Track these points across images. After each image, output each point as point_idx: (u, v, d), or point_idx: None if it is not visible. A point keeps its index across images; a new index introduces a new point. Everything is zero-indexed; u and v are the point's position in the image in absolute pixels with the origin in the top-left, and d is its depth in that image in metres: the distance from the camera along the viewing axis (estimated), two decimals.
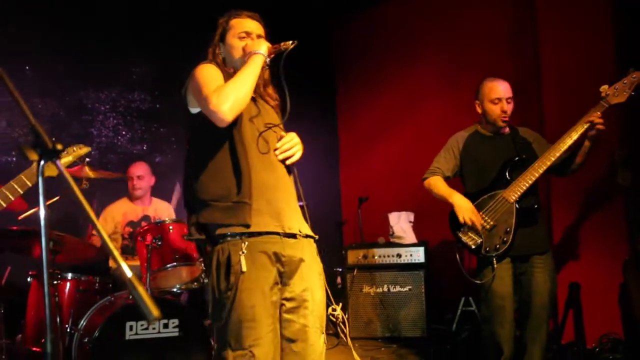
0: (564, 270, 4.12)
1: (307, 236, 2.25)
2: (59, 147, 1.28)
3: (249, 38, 2.32)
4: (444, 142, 3.61)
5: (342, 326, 2.66)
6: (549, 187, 4.18)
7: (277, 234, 2.13)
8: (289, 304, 2.16)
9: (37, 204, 3.36)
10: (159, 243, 3.48)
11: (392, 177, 5.47)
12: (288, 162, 2.27)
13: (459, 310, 4.50)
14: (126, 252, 4.32)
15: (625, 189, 3.52)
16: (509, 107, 3.31)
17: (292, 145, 2.28)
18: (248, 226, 2.07)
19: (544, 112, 4.30)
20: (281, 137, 2.29)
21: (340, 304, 2.72)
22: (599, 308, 3.87)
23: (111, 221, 4.38)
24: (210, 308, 2.16)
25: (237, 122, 2.16)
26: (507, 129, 3.40)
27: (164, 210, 4.56)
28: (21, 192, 2.83)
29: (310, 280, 2.20)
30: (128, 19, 4.94)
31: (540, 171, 3.16)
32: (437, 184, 3.45)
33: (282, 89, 2.27)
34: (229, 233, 2.09)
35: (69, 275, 3.63)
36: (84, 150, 3.35)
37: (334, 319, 2.63)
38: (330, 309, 2.66)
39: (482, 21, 4.99)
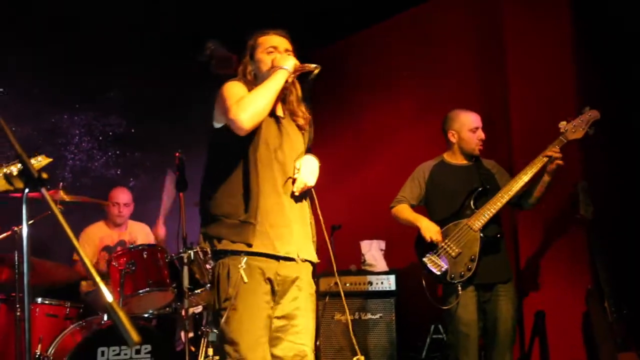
0: (530, 298, 4.22)
1: (306, 260, 2.38)
2: (44, 176, 1.33)
3: (277, 52, 2.42)
4: None
5: None
6: (515, 218, 4.30)
7: (275, 256, 2.26)
8: (278, 322, 2.27)
9: (8, 226, 3.33)
10: (133, 268, 3.48)
11: (364, 206, 5.55)
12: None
13: (428, 338, 4.56)
14: (102, 277, 4.29)
15: (587, 221, 3.65)
16: (483, 135, 3.50)
17: (305, 181, 2.37)
18: (250, 245, 2.21)
19: (512, 144, 4.43)
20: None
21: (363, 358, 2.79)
22: (564, 336, 3.97)
23: (92, 245, 4.35)
24: (212, 319, 2.31)
25: (254, 143, 2.28)
26: (472, 160, 3.56)
27: (140, 232, 4.55)
28: None
29: (302, 300, 2.33)
30: (104, 43, 4.98)
31: (504, 201, 3.31)
32: (404, 211, 3.60)
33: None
34: (229, 250, 2.23)
35: (39, 300, 3.61)
36: (44, 161, 3.29)
37: None
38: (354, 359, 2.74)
39: (453, 55, 5.15)
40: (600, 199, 3.71)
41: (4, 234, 3.46)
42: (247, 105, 2.18)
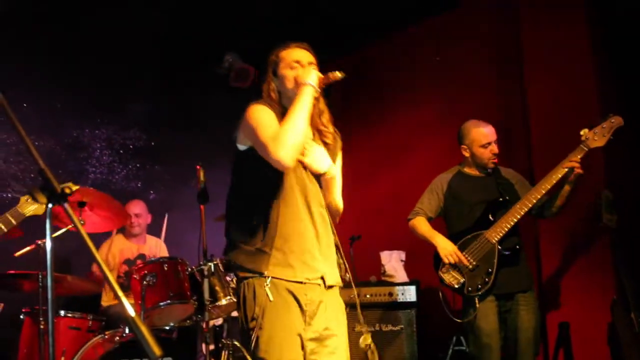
0: (554, 309, 4.16)
1: (330, 286, 2.28)
2: (67, 191, 1.35)
3: (300, 66, 2.32)
4: None
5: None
6: (537, 228, 4.25)
7: (295, 282, 2.18)
8: (311, 345, 2.19)
9: (32, 234, 3.37)
10: (154, 280, 3.50)
11: (384, 216, 5.53)
12: (324, 168, 2.29)
13: (450, 350, 4.51)
14: (122, 290, 4.33)
15: (611, 230, 3.60)
16: (496, 149, 3.45)
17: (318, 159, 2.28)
18: (262, 274, 2.15)
19: (532, 152, 4.40)
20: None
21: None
22: (589, 347, 3.91)
23: (111, 258, 4.41)
24: (241, 339, 2.24)
25: (278, 170, 2.18)
26: (490, 169, 3.53)
27: (157, 247, 4.60)
28: (5, 230, 2.89)
29: (332, 319, 2.25)
30: (125, 57, 5.05)
31: (522, 212, 3.27)
32: (421, 225, 3.57)
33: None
34: (250, 275, 2.18)
35: (62, 313, 3.64)
36: (71, 188, 3.36)
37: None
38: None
39: (473, 64, 5.13)
40: (623, 208, 3.66)
41: (28, 248, 3.51)
42: (285, 141, 2.08)
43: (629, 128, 3.44)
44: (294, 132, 2.11)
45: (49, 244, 1.39)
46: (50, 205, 1.38)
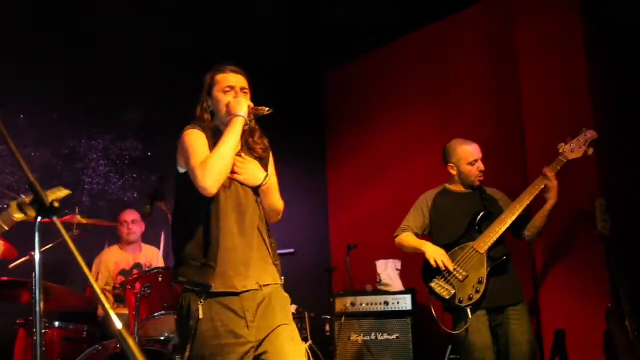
0: (550, 317, 4.16)
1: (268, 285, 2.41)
2: (56, 204, 1.35)
3: (233, 92, 2.48)
4: None
5: None
6: None
7: (236, 293, 2.31)
8: (264, 343, 2.29)
9: (26, 253, 3.38)
10: (148, 291, 3.50)
11: (380, 225, 5.53)
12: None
13: (446, 358, 4.51)
14: (118, 300, 4.33)
15: (605, 238, 3.61)
16: (483, 166, 3.51)
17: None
18: (210, 287, 2.28)
19: (527, 162, 4.41)
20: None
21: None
22: (585, 354, 3.91)
23: (105, 270, 4.40)
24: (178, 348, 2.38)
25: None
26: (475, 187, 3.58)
27: (153, 256, 4.59)
28: None
29: (279, 311, 2.36)
30: (122, 67, 5.06)
31: (508, 222, 3.32)
32: (408, 239, 3.61)
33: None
34: (191, 289, 2.31)
35: (56, 324, 3.64)
36: (62, 193, 3.35)
37: None
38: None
39: (467, 73, 5.16)
40: (618, 215, 3.67)
41: (23, 259, 3.52)
42: (211, 170, 2.25)
43: (624, 135, 3.47)
44: (221, 161, 2.29)
45: (37, 257, 1.39)
46: (39, 219, 1.39)
